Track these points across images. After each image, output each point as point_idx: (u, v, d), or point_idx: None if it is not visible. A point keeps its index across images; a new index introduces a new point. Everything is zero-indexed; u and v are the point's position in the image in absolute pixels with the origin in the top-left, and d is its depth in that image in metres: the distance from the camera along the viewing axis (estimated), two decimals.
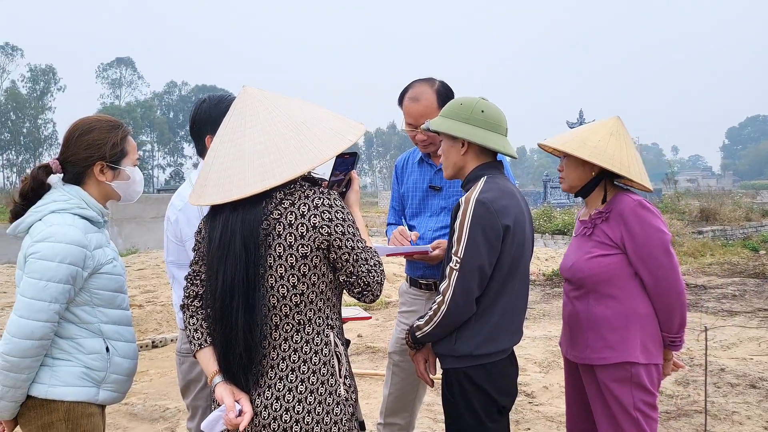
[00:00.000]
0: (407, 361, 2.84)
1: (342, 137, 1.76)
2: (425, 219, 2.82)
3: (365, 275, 1.77)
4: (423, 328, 2.15)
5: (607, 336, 2.31)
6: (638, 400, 2.27)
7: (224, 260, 1.69)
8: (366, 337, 6.95)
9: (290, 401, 1.71)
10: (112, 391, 2.09)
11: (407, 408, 2.93)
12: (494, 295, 2.11)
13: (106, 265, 2.05)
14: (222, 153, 1.75)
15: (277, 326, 1.74)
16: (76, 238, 1.94)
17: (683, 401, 4.65)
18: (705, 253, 13.34)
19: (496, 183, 2.14)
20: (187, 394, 2.49)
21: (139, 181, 2.21)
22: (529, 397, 4.71)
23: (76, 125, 2.11)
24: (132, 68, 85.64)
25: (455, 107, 2.23)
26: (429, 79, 2.75)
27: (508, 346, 2.18)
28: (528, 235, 2.20)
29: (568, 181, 2.46)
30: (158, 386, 5.32)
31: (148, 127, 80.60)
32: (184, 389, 2.50)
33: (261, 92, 1.81)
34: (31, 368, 1.92)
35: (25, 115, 71.22)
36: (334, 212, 1.72)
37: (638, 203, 2.30)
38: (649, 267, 2.27)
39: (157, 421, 4.49)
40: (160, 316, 7.44)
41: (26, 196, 2.05)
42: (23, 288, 1.90)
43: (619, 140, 2.35)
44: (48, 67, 75.02)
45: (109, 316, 2.08)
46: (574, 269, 2.40)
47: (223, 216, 1.72)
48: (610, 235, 2.32)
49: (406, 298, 2.93)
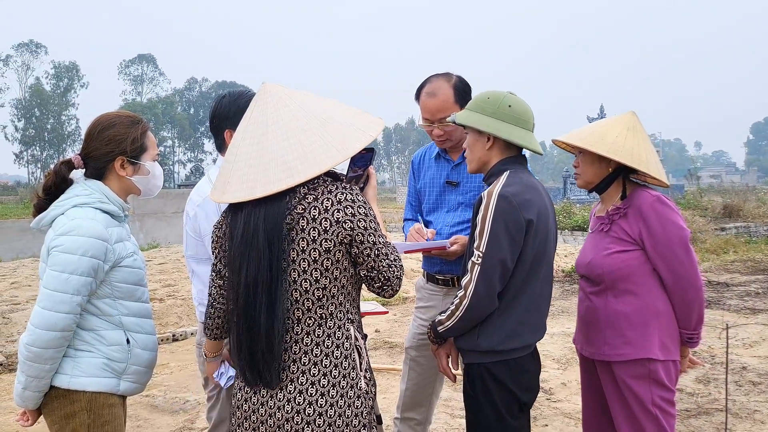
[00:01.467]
0: (424, 356, 2.85)
1: (363, 133, 1.76)
2: (442, 214, 2.82)
3: (386, 270, 1.78)
4: (445, 323, 2.15)
5: (627, 332, 2.29)
6: (657, 396, 2.26)
7: (247, 255, 1.70)
8: (383, 332, 6.97)
9: (313, 395, 1.72)
10: (132, 382, 2.13)
11: (424, 403, 2.94)
12: (517, 290, 2.10)
13: (127, 259, 2.09)
14: (244, 150, 1.75)
15: (299, 320, 1.75)
16: (97, 231, 1.98)
17: (704, 399, 4.59)
18: (728, 250, 13.12)
19: (519, 177, 2.13)
20: (209, 384, 2.52)
21: (159, 176, 2.24)
22: (546, 393, 4.69)
23: (97, 121, 2.15)
24: (153, 65, 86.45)
25: (482, 101, 2.21)
26: (446, 74, 2.74)
27: (531, 342, 2.17)
28: (551, 230, 2.19)
29: (584, 177, 2.44)
30: (179, 379, 5.39)
31: (169, 123, 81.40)
32: (206, 380, 2.54)
33: (281, 88, 1.82)
34: (54, 359, 1.96)
35: (49, 112, 72.33)
36: (356, 207, 1.73)
37: (657, 199, 2.28)
38: (668, 263, 2.25)
39: (177, 413, 4.55)
40: (180, 310, 7.54)
41: (49, 191, 2.10)
42: (46, 280, 1.94)
43: (636, 135, 2.33)
44: (71, 64, 76.07)
45: (129, 308, 2.12)
46: (592, 266, 2.38)
47: (246, 211, 1.73)
48: (629, 231, 2.30)
49: (423, 293, 2.93)
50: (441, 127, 2.68)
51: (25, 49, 73.45)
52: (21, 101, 72.14)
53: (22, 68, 73.67)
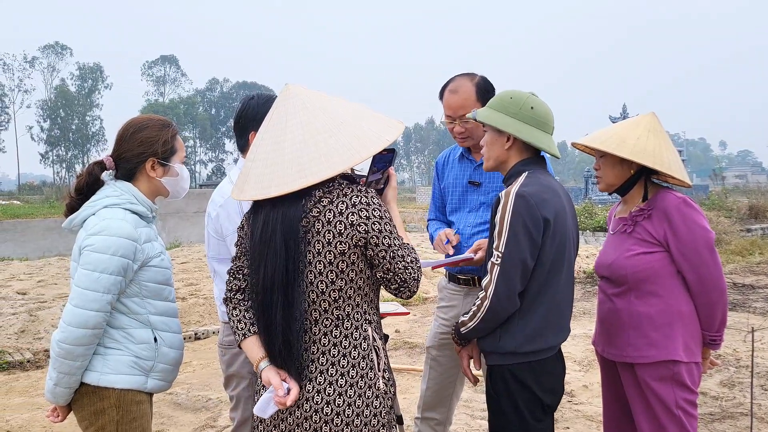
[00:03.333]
0: (445, 356, 2.86)
1: (380, 136, 1.78)
2: (464, 214, 2.83)
3: (402, 272, 1.79)
4: (467, 324, 2.16)
5: (651, 334, 2.28)
6: (680, 398, 2.24)
7: (265, 256, 1.74)
8: (403, 333, 6.98)
9: (331, 394, 1.75)
10: (159, 380, 2.17)
11: (444, 403, 2.94)
12: (538, 291, 2.09)
13: (155, 258, 2.13)
14: (263, 150, 1.79)
15: (316, 321, 1.78)
16: (127, 231, 2.03)
17: (728, 403, 4.53)
18: (753, 252, 12.89)
19: (538, 178, 2.13)
20: (230, 385, 2.54)
21: (186, 178, 2.29)
22: (568, 395, 4.67)
23: (129, 123, 2.20)
24: (176, 66, 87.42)
25: (505, 101, 2.21)
26: (470, 74, 2.77)
27: (554, 344, 2.16)
28: (570, 231, 2.18)
29: (605, 180, 2.43)
30: (201, 377, 5.46)
31: (190, 123, 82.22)
32: (227, 380, 2.56)
33: (303, 90, 1.84)
34: (85, 356, 2.00)
35: (73, 112, 73.57)
36: (371, 210, 1.75)
37: (683, 201, 2.27)
38: (693, 265, 2.24)
39: (200, 410, 4.61)
40: (202, 309, 7.62)
41: (81, 191, 2.15)
42: (78, 279, 1.99)
43: (658, 137, 2.32)
44: (96, 66, 77.31)
45: (157, 307, 2.16)
46: (615, 267, 2.37)
47: (264, 212, 1.76)
48: (653, 232, 2.29)
49: (445, 293, 2.95)
50: (462, 124, 2.70)
51: (50, 51, 74.80)
52: (46, 102, 73.48)
53: (48, 70, 75.11)
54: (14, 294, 7.93)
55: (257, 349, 1.81)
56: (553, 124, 2.22)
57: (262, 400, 1.77)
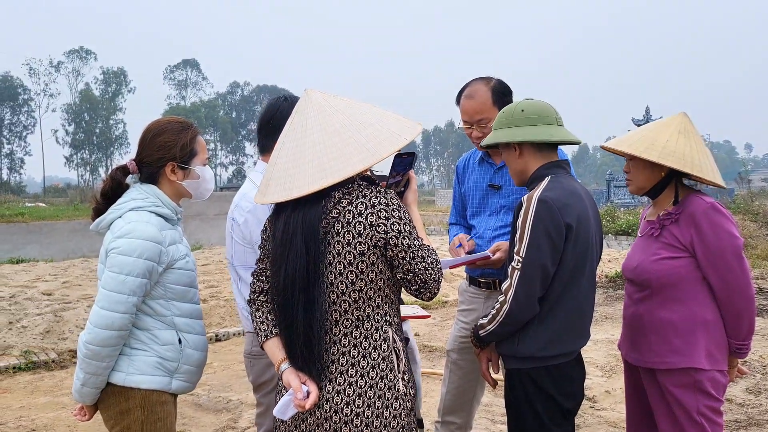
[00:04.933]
0: (465, 359, 2.85)
1: (398, 137, 1.80)
2: (485, 218, 2.82)
3: (422, 272, 1.79)
4: (486, 327, 2.16)
5: (672, 340, 2.25)
6: (702, 405, 2.21)
7: (286, 256, 1.76)
8: (423, 336, 6.96)
9: (351, 395, 1.76)
10: (183, 381, 2.19)
11: (465, 407, 2.93)
12: (558, 296, 2.08)
13: (180, 261, 2.15)
14: (284, 153, 1.82)
15: (337, 322, 1.79)
16: (152, 234, 2.05)
17: (755, 410, 4.45)
18: None
19: (560, 182, 2.12)
20: (260, 390, 2.48)
21: (210, 179, 2.29)
22: (590, 401, 4.61)
23: (149, 128, 2.22)
24: (197, 69, 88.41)
25: (500, 117, 2.27)
26: (486, 78, 2.77)
27: (573, 349, 2.15)
28: (593, 236, 2.16)
29: (636, 183, 2.40)
30: (222, 378, 5.50)
31: (211, 127, 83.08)
32: (257, 387, 2.50)
33: (322, 94, 1.87)
34: (111, 357, 2.03)
35: (97, 116, 74.79)
36: (390, 211, 1.76)
37: (711, 206, 2.23)
38: (720, 272, 2.20)
39: (221, 412, 4.65)
40: (223, 311, 7.68)
41: (107, 195, 2.18)
42: (104, 281, 2.02)
43: (689, 138, 2.28)
44: (119, 70, 78.53)
45: (181, 309, 2.18)
46: (639, 270, 2.35)
47: (285, 214, 1.79)
48: (679, 237, 2.26)
49: (465, 296, 2.94)
50: (479, 128, 2.70)
51: (75, 56, 76.15)
52: (71, 106, 74.80)
53: (73, 74, 76.44)
54: (40, 295, 8.05)
55: (278, 350, 1.84)
56: (554, 114, 2.21)
57: (281, 403, 1.79)
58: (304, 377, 1.78)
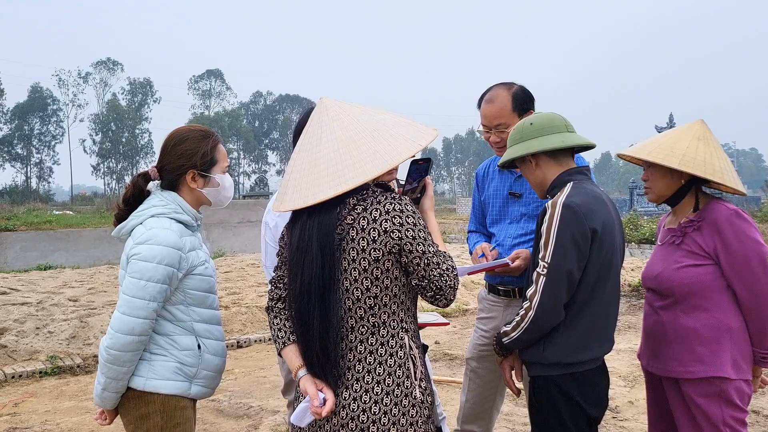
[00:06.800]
0: (485, 367, 2.83)
1: (412, 142, 1.80)
2: (505, 226, 2.80)
3: (437, 279, 1.79)
4: (510, 334, 2.14)
5: (697, 349, 2.21)
6: (728, 416, 2.16)
7: (302, 263, 1.77)
8: (443, 344, 6.93)
9: (367, 402, 1.75)
10: (202, 386, 2.21)
11: (484, 416, 2.91)
12: (583, 301, 2.06)
13: (199, 267, 2.17)
14: (300, 162, 1.84)
15: (353, 328, 1.79)
16: (172, 240, 2.08)
17: None
18: None
19: (584, 188, 2.10)
20: (289, 391, 2.58)
21: (229, 187, 2.32)
22: (613, 411, 4.55)
23: (171, 135, 2.25)
24: (221, 79, 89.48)
25: (512, 135, 2.30)
26: (508, 83, 2.75)
27: (598, 355, 2.12)
28: (617, 241, 2.14)
29: (655, 191, 2.37)
30: (243, 385, 5.53)
31: (234, 136, 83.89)
32: (287, 386, 2.60)
33: (337, 103, 1.89)
34: (132, 362, 2.06)
35: (124, 126, 76.04)
36: (404, 217, 1.76)
37: (734, 213, 2.19)
38: (744, 280, 2.16)
39: (242, 418, 4.67)
40: (244, 317, 7.73)
41: (128, 202, 2.22)
42: (125, 286, 2.05)
43: (708, 145, 2.25)
44: (145, 80, 79.85)
45: (201, 315, 2.20)
46: (662, 279, 2.31)
47: (301, 221, 1.81)
48: (702, 244, 2.22)
49: (485, 304, 2.92)
50: (498, 133, 2.69)
51: (102, 67, 77.63)
52: (99, 116, 76.15)
53: (101, 85, 77.90)
54: (66, 301, 8.19)
55: (296, 357, 1.84)
56: (563, 122, 2.22)
57: (298, 410, 1.80)
58: (321, 384, 1.78)
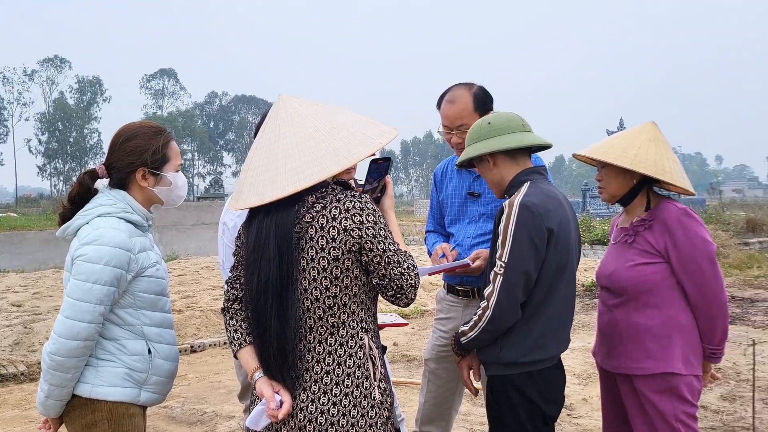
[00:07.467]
0: (443, 368, 2.82)
1: (373, 140, 1.78)
2: (464, 226, 2.80)
3: (398, 278, 1.77)
4: (468, 334, 2.14)
5: (649, 346, 2.26)
6: (680, 411, 2.22)
7: (258, 262, 1.73)
8: (402, 345, 6.93)
9: (325, 404, 1.72)
10: (153, 392, 2.13)
11: (443, 416, 2.90)
12: (540, 301, 2.08)
13: (150, 269, 2.10)
14: (257, 159, 1.80)
15: (311, 329, 1.76)
16: (121, 241, 2.00)
17: (729, 417, 4.49)
18: (752, 265, 12.86)
19: (540, 188, 2.12)
20: (246, 395, 2.53)
21: (182, 186, 2.25)
22: (567, 409, 4.62)
23: (120, 132, 2.17)
24: (174, 79, 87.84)
25: (469, 134, 2.31)
26: (468, 84, 2.76)
27: (555, 354, 2.14)
28: (573, 241, 2.17)
29: (608, 191, 2.42)
30: (196, 390, 5.40)
31: (189, 137, 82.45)
32: (244, 391, 2.55)
33: (296, 99, 1.86)
34: (77, 368, 1.97)
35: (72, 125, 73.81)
36: (365, 215, 1.74)
37: (684, 212, 2.25)
38: (694, 277, 2.22)
39: (195, 424, 4.56)
40: (198, 321, 7.57)
41: (74, 201, 2.12)
42: (70, 289, 1.96)
43: (658, 146, 2.32)
44: (95, 79, 77.69)
45: (151, 318, 2.12)
46: (615, 277, 2.35)
47: (258, 220, 1.76)
48: (654, 243, 2.27)
49: (443, 305, 2.91)
50: (459, 134, 2.69)
51: (49, 64, 75.14)
52: (45, 115, 73.69)
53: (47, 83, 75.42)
54: (9, 306, 7.88)
55: (252, 359, 1.80)
56: (520, 122, 2.24)
57: (254, 412, 1.75)
58: (278, 386, 1.74)
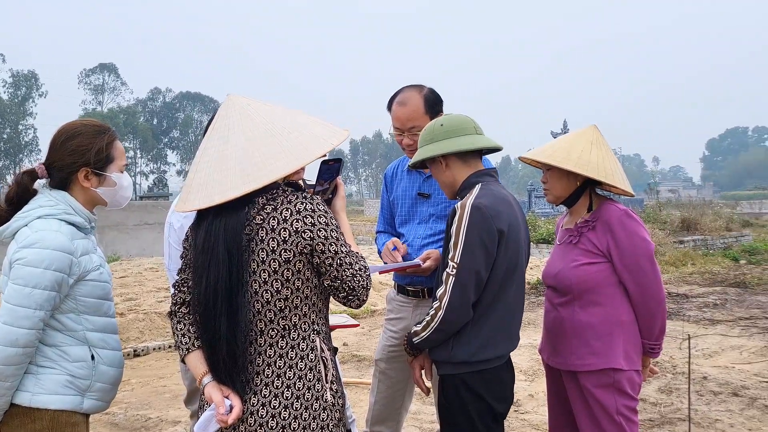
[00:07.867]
0: (394, 368, 2.84)
1: (324, 140, 1.77)
2: (414, 226, 2.83)
3: (350, 279, 1.77)
4: (420, 334, 2.16)
5: (592, 343, 2.33)
6: (621, 405, 2.30)
7: (207, 265, 1.70)
8: (352, 346, 6.92)
9: (276, 407, 1.71)
10: (96, 399, 2.06)
11: (393, 416, 2.92)
12: (490, 301, 2.12)
13: (93, 272, 2.03)
14: (205, 160, 1.76)
15: (262, 332, 1.74)
16: (62, 244, 1.92)
17: (666, 409, 4.68)
18: (686, 263, 13.47)
19: (491, 189, 2.16)
20: (192, 400, 2.47)
21: (127, 187, 2.18)
22: (514, 405, 4.72)
23: (62, 130, 2.09)
24: (115, 74, 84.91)
25: (422, 136, 2.33)
26: (418, 86, 2.78)
27: (505, 352, 2.19)
28: (523, 241, 2.22)
29: (553, 193, 2.49)
30: (140, 395, 5.25)
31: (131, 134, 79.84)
32: (190, 395, 2.51)
33: (245, 99, 1.83)
34: (15, 376, 1.89)
35: (5, 121, 70.36)
36: (316, 217, 1.73)
37: (625, 213, 2.34)
38: (634, 275, 2.31)
39: (139, 430, 4.44)
40: (142, 324, 7.35)
41: (12, 202, 2.03)
42: (8, 294, 1.87)
43: (600, 149, 2.40)
44: (30, 73, 74.26)
45: (94, 323, 2.05)
46: (561, 277, 2.42)
47: (207, 222, 1.73)
48: (597, 243, 2.35)
49: (394, 305, 2.93)
50: (410, 136, 2.71)
51: None
52: None
53: None
54: None
55: (200, 364, 1.77)
56: (472, 125, 2.29)
57: (203, 418, 1.72)
58: (228, 391, 1.72)
